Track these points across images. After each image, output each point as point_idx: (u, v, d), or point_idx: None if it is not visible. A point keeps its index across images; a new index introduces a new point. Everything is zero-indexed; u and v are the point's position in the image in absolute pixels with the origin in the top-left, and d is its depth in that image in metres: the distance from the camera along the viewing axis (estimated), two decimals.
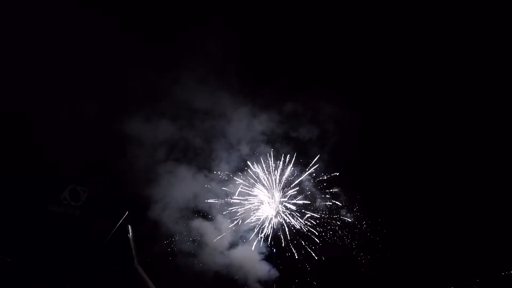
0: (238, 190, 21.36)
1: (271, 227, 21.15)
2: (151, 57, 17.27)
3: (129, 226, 10.34)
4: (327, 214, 21.46)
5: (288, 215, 21.47)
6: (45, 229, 8.77)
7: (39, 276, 7.59)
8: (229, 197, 21.44)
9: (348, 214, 21.22)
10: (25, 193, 9.50)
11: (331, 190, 21.93)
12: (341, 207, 21.64)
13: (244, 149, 22.19)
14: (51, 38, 12.33)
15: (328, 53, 22.77)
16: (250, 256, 19.89)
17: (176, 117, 18.96)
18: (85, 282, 7.92)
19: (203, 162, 20.95)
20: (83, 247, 8.68)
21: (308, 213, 21.36)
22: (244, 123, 21.71)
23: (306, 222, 21.01)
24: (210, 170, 21.17)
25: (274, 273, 19.70)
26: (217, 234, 19.93)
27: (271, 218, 21.40)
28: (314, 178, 22.54)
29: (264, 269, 19.69)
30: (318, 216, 21.29)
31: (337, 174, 22.28)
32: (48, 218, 9.21)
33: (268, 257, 20.31)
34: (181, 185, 19.17)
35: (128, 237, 9.94)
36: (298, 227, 21.00)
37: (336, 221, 21.07)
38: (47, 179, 10.31)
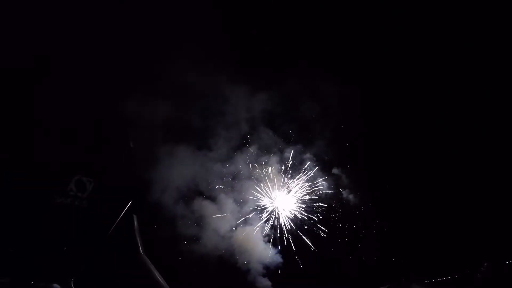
0: (240, 171, 21.39)
1: (274, 216, 21.27)
2: (143, 37, 16.81)
3: (135, 216, 10.56)
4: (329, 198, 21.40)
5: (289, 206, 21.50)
6: (53, 221, 9.03)
7: (48, 268, 7.86)
8: (231, 178, 21.48)
9: (351, 196, 21.10)
10: (32, 186, 9.70)
11: (332, 172, 21.73)
12: (343, 189, 21.52)
13: (244, 128, 21.97)
14: (34, 19, 11.96)
15: (326, 27, 21.80)
16: (254, 239, 20.10)
17: (172, 98, 18.73)
18: (92, 273, 8.19)
19: (202, 142, 20.85)
20: (90, 238, 8.91)
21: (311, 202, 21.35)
22: (243, 101, 21.34)
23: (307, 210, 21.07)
24: (210, 149, 21.04)
25: (278, 258, 19.97)
26: (220, 216, 20.12)
27: (275, 208, 21.49)
28: (316, 157, 22.30)
29: (267, 253, 19.94)
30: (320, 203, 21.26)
31: (340, 152, 22.05)
32: (55, 210, 9.47)
33: (273, 242, 20.54)
34: (181, 167, 19.15)
35: (134, 227, 10.18)
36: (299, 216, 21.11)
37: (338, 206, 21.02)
38: (53, 170, 10.48)
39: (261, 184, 22.19)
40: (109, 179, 11.06)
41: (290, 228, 21.40)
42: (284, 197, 21.99)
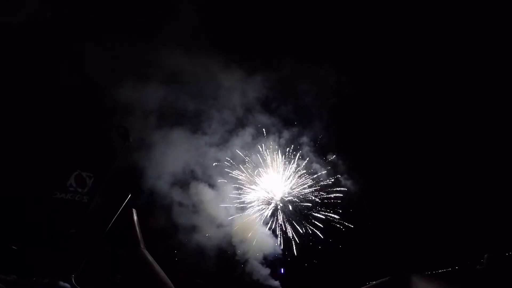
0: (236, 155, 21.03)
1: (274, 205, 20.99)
2: (135, 24, 16.44)
3: (134, 210, 10.56)
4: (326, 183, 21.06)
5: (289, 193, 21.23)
6: (54, 217, 9.05)
7: (50, 264, 7.88)
8: (228, 163, 21.16)
9: (348, 182, 20.79)
10: (32, 183, 9.70)
11: (328, 158, 21.38)
12: (340, 175, 21.21)
13: (239, 112, 21.60)
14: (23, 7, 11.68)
15: (322, 10, 21.21)
16: (253, 228, 19.83)
17: (166, 84, 18.38)
18: (93, 268, 8.22)
19: (198, 127, 20.52)
20: (90, 233, 8.93)
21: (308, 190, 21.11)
22: (238, 86, 20.95)
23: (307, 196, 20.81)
24: (206, 134, 20.72)
25: (277, 248, 19.82)
26: (217, 203, 19.74)
27: (273, 199, 21.19)
28: (314, 141, 21.97)
29: (269, 244, 19.75)
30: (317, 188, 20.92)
31: (337, 137, 21.74)
32: (56, 206, 9.48)
33: (273, 231, 20.31)
34: (177, 153, 18.83)
35: (133, 222, 10.18)
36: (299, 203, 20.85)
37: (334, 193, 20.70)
38: (53, 166, 10.47)
39: (259, 170, 21.89)
40: (109, 174, 11.01)
41: (289, 217, 21.23)
42: (282, 184, 21.69)
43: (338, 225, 20.15)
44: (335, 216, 20.42)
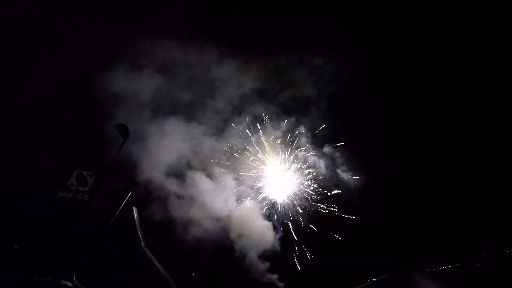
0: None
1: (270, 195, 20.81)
2: (125, 12, 16.23)
3: (134, 208, 10.59)
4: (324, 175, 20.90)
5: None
6: (55, 216, 9.09)
7: (51, 262, 7.93)
8: (225, 153, 21.06)
9: (347, 174, 20.64)
10: (34, 181, 9.75)
11: (326, 150, 21.21)
12: (339, 166, 21.07)
13: (235, 101, 21.47)
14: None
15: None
16: (251, 222, 19.68)
17: (161, 74, 18.20)
18: (94, 267, 8.26)
19: (194, 117, 20.38)
20: (92, 232, 8.97)
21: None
22: (233, 75, 20.78)
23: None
24: (202, 124, 20.56)
25: (276, 242, 19.71)
26: (215, 196, 19.59)
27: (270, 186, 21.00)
28: (311, 131, 21.81)
29: (266, 236, 19.58)
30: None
31: (335, 128, 21.49)
32: (57, 205, 9.52)
33: (272, 225, 20.13)
34: (173, 144, 18.69)
35: (134, 220, 10.21)
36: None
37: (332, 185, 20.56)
38: (54, 165, 10.52)
39: (256, 161, 21.76)
40: (109, 172, 11.03)
41: (288, 211, 21.07)
42: (281, 176, 21.49)
43: (337, 220, 20.08)
44: (335, 210, 20.36)
